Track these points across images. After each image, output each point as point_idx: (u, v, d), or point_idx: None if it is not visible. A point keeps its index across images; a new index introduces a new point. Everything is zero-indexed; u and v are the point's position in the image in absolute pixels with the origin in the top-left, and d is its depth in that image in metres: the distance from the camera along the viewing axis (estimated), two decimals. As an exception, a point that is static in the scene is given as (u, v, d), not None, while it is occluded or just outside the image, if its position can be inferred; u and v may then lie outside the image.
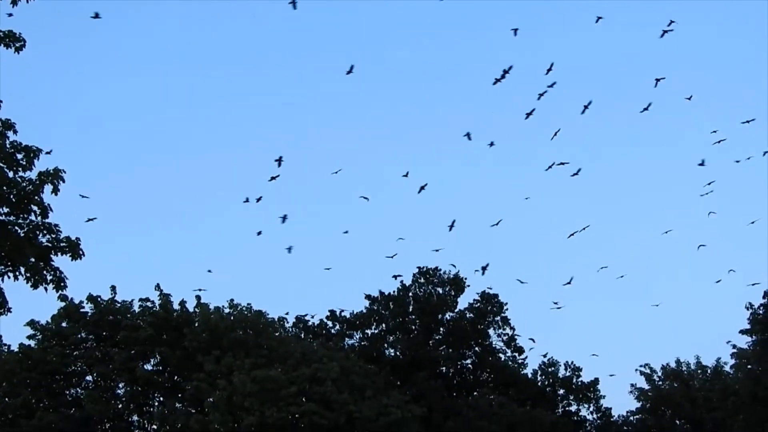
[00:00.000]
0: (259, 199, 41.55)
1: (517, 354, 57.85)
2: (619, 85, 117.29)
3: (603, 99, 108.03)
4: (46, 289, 21.66)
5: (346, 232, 50.98)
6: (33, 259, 21.38)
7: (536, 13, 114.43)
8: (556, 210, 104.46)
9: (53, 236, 21.71)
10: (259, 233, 46.05)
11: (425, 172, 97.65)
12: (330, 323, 57.21)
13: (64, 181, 21.55)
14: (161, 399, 45.26)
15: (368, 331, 57.18)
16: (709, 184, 44.00)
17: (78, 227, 22.92)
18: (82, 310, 46.18)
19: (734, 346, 50.54)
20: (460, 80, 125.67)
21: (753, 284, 46.55)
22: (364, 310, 57.32)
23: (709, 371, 60.37)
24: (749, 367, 48.81)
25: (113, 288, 47.16)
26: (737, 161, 45.33)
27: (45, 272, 21.56)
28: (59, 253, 21.80)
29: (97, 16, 32.98)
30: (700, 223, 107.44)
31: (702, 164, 42.23)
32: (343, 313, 57.30)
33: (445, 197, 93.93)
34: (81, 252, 22.00)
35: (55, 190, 21.59)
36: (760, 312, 47.63)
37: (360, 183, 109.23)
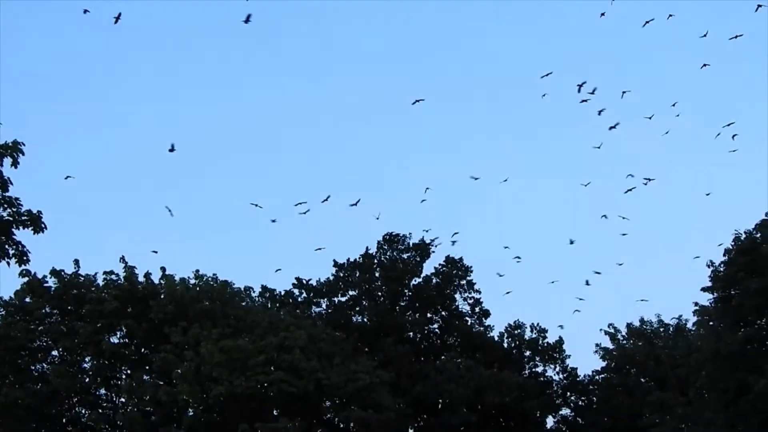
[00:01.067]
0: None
1: (483, 317, 58.26)
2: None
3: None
4: (8, 263, 21.48)
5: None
6: (-7, 234, 21.12)
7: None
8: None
9: (14, 210, 21.43)
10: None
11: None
12: (297, 291, 57.18)
13: (23, 154, 21.28)
14: (128, 372, 45.06)
15: (335, 299, 57.24)
16: None
17: (39, 202, 22.63)
18: (45, 284, 45.73)
19: (696, 304, 51.22)
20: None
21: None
22: (331, 278, 57.33)
23: (671, 329, 61.18)
24: (711, 323, 49.46)
25: (77, 261, 46.80)
26: None
27: (7, 246, 21.32)
28: (21, 227, 21.54)
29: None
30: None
31: None
32: (309, 281, 57.29)
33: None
34: (43, 225, 21.77)
35: (15, 164, 21.30)
36: (721, 270, 48.20)
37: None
